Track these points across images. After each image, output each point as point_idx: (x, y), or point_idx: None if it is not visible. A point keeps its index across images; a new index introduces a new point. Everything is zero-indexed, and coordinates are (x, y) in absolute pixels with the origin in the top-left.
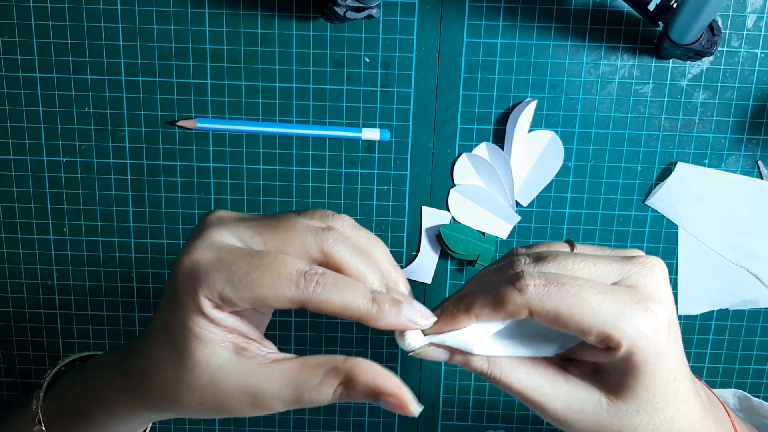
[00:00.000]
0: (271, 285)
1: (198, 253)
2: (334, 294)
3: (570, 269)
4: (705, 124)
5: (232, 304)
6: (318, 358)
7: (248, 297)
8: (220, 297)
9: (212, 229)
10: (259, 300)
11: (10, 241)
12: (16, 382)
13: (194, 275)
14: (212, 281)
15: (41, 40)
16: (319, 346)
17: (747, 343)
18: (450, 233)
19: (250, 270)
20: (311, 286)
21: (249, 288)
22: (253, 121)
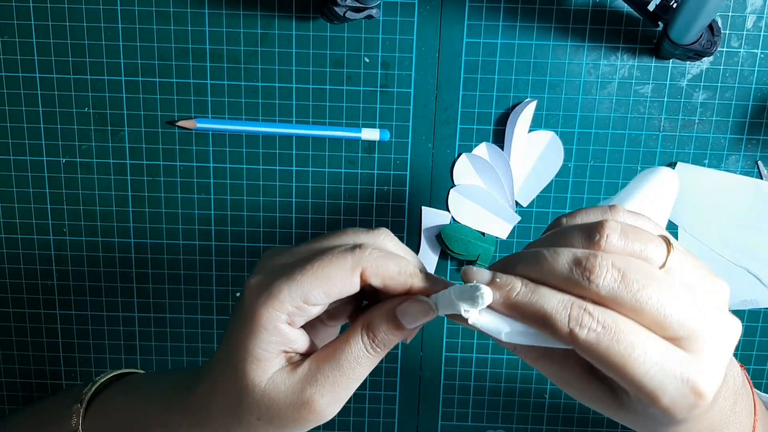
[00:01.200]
0: (329, 263)
1: (258, 275)
2: (389, 260)
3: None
4: (705, 124)
5: (306, 302)
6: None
7: (315, 284)
8: (292, 301)
9: (267, 260)
10: (325, 282)
11: (10, 241)
12: (16, 382)
13: (259, 293)
14: (277, 290)
15: (41, 40)
16: None
17: (747, 343)
18: (450, 233)
19: (309, 261)
20: (365, 253)
21: (312, 274)
22: (253, 121)
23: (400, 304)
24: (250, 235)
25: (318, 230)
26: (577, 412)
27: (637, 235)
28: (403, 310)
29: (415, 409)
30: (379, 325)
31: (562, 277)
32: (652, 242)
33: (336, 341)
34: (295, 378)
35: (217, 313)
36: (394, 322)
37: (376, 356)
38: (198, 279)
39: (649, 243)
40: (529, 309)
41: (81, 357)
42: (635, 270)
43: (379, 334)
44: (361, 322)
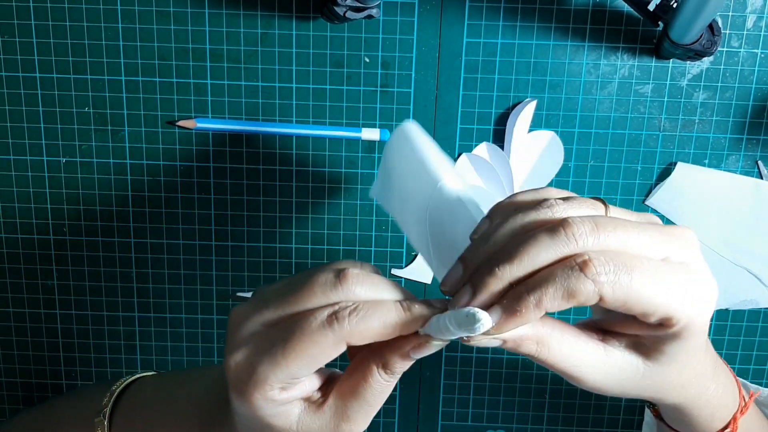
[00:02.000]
0: (311, 343)
1: (236, 355)
2: (369, 319)
3: (626, 245)
4: (705, 124)
5: (294, 380)
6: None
7: (300, 365)
8: (279, 382)
9: (239, 326)
10: (311, 362)
11: (10, 241)
12: (16, 382)
13: (244, 377)
14: (263, 376)
15: (41, 40)
16: None
17: (747, 343)
18: None
19: (287, 342)
20: (345, 323)
21: (295, 358)
22: (253, 121)
23: (414, 348)
24: (250, 235)
25: (318, 230)
26: (577, 412)
27: (577, 201)
28: (418, 352)
29: (415, 409)
30: (396, 364)
31: (553, 253)
32: (591, 203)
33: (353, 379)
34: (325, 417)
35: (217, 313)
36: (407, 358)
37: (394, 381)
38: (198, 279)
39: (588, 202)
40: (552, 298)
41: (81, 357)
42: (600, 219)
43: (396, 369)
44: (374, 361)
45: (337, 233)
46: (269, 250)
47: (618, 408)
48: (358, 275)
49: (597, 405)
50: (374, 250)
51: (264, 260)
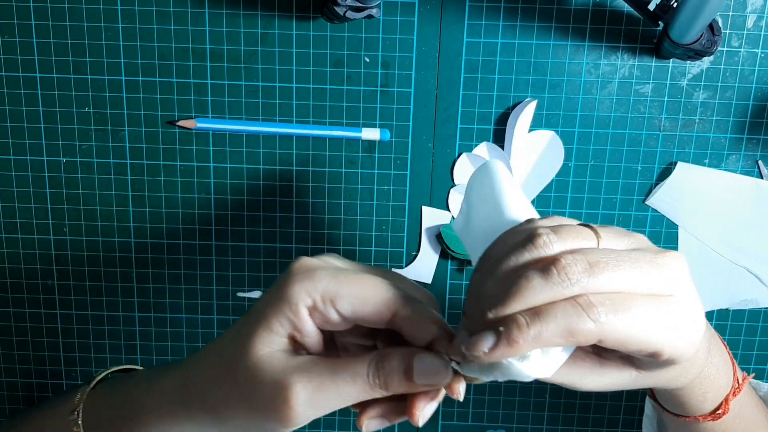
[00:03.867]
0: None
1: (311, 260)
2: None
3: (619, 283)
4: (705, 123)
5: (331, 307)
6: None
7: (350, 298)
8: (323, 295)
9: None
10: (360, 302)
11: (10, 241)
12: (17, 382)
13: (302, 272)
14: (318, 277)
15: (41, 40)
16: None
17: (747, 343)
18: (450, 233)
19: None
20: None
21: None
22: (253, 121)
23: (421, 352)
24: (251, 235)
25: (318, 230)
26: (577, 412)
27: (567, 231)
28: (421, 359)
29: None
30: (392, 360)
31: (547, 295)
32: (582, 232)
33: (341, 366)
34: (290, 363)
35: (217, 313)
36: (406, 364)
37: (372, 389)
38: (198, 279)
39: (579, 234)
40: (551, 335)
41: (81, 357)
42: (593, 256)
43: (386, 369)
44: (376, 352)
45: (337, 233)
46: (269, 250)
47: (618, 408)
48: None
49: (597, 405)
50: (374, 250)
51: (264, 260)
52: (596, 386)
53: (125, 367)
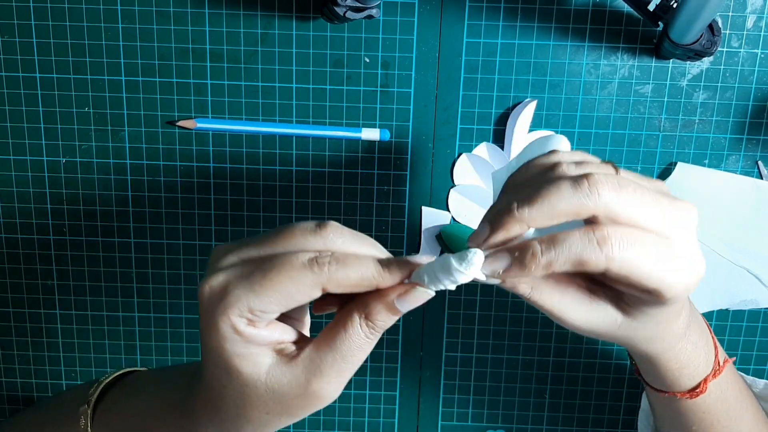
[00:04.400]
0: (289, 279)
1: (213, 278)
2: (349, 269)
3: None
4: (705, 124)
5: (263, 313)
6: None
7: (274, 299)
8: (249, 310)
9: (219, 258)
10: (285, 297)
11: (10, 241)
12: (16, 382)
13: (216, 300)
14: (235, 298)
15: (41, 40)
16: None
17: (747, 343)
18: (450, 233)
19: (266, 273)
20: (325, 268)
21: (271, 289)
22: (253, 121)
23: (399, 295)
24: (250, 236)
25: None
26: (577, 412)
27: (592, 163)
28: (403, 300)
29: (415, 409)
30: (378, 313)
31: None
32: (604, 165)
33: (333, 330)
34: (297, 370)
35: None
36: (392, 309)
37: (375, 339)
38: (198, 279)
39: (602, 166)
40: (562, 263)
41: (81, 357)
42: (622, 179)
43: (378, 321)
44: (357, 311)
45: None
46: None
47: (618, 408)
48: (337, 227)
49: (597, 405)
50: None
51: None
52: (580, 322)
53: (128, 370)
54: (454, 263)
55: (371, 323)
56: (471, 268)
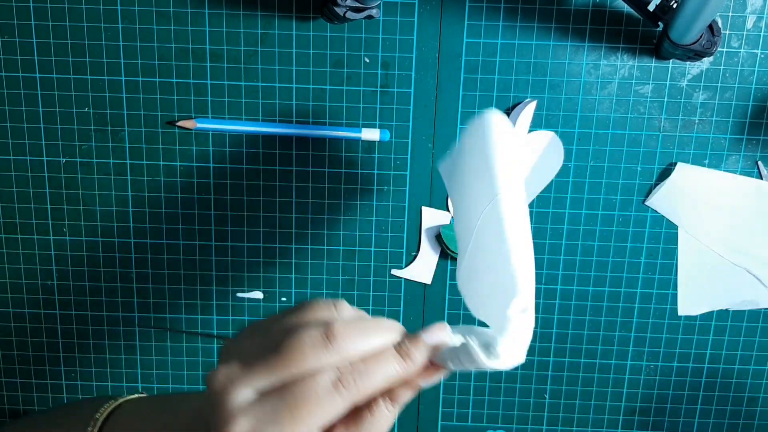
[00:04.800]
0: (319, 408)
1: (236, 426)
2: (373, 377)
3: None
4: (705, 124)
5: None
6: None
7: (308, 431)
8: None
9: (228, 394)
10: (316, 426)
11: (10, 241)
12: (16, 382)
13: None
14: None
15: (41, 40)
16: None
17: (747, 343)
18: (450, 233)
19: (293, 409)
20: (351, 387)
21: (304, 424)
22: (253, 121)
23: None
24: (250, 235)
25: (318, 230)
26: (577, 413)
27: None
28: (428, 382)
29: (415, 409)
30: (403, 396)
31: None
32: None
33: (358, 415)
34: None
35: (217, 313)
36: (416, 389)
37: (397, 412)
38: (198, 279)
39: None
40: None
41: (81, 357)
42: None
43: (402, 401)
44: (381, 396)
45: (337, 233)
46: (269, 250)
47: (618, 408)
48: (345, 332)
49: (597, 405)
50: (374, 250)
51: (264, 260)
52: None
53: (134, 397)
54: (482, 357)
55: (395, 402)
56: (499, 360)
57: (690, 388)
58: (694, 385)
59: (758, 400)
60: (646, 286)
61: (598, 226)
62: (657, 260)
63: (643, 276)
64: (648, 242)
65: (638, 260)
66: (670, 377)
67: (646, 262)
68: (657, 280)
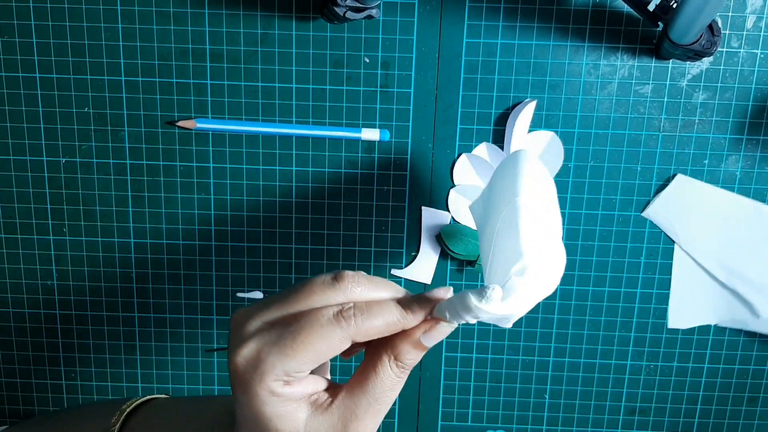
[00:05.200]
0: (319, 337)
1: (243, 349)
2: (373, 317)
3: None
4: (705, 124)
5: (297, 373)
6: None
7: (307, 358)
8: (285, 374)
9: (243, 325)
10: (317, 355)
11: (10, 241)
12: (16, 382)
13: (251, 369)
14: (270, 365)
15: (41, 40)
16: None
17: (747, 343)
18: (450, 233)
19: (296, 335)
20: (351, 321)
21: (303, 350)
22: (253, 121)
23: (425, 332)
24: (250, 235)
25: (318, 230)
26: (577, 413)
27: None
28: (429, 336)
29: (415, 409)
30: (407, 353)
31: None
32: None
33: (363, 375)
34: (334, 418)
35: (217, 313)
36: (419, 346)
37: (405, 378)
38: (198, 279)
39: None
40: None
41: (81, 357)
42: None
43: (407, 360)
44: (385, 352)
45: (337, 233)
46: (269, 250)
47: (618, 408)
48: (354, 276)
49: (597, 405)
50: (374, 250)
51: (264, 260)
52: None
53: (150, 398)
54: (474, 300)
55: (401, 362)
56: (490, 303)
57: (690, 388)
58: (694, 385)
59: (758, 400)
60: (646, 286)
61: (599, 226)
62: (657, 260)
63: (643, 276)
64: (648, 242)
65: (638, 260)
66: (670, 377)
67: (646, 262)
68: (657, 280)
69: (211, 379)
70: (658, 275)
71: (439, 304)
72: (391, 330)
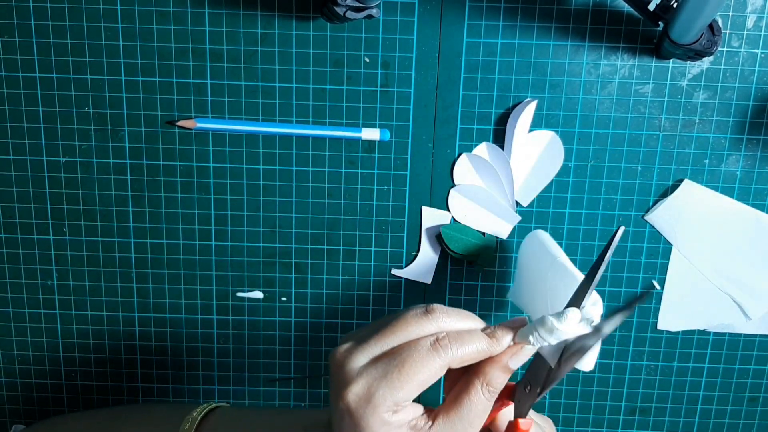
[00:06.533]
0: (422, 367)
1: (354, 386)
2: (466, 345)
3: None
4: (705, 124)
5: (405, 402)
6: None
7: (414, 387)
8: (395, 404)
9: (346, 363)
10: (422, 383)
11: (10, 241)
12: (16, 382)
13: (364, 404)
14: (381, 398)
15: (41, 40)
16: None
17: (747, 343)
18: (450, 233)
19: (401, 368)
20: (448, 348)
21: (409, 380)
22: (253, 121)
23: (511, 357)
24: (250, 235)
25: (318, 230)
26: (577, 413)
27: None
28: (516, 359)
29: None
30: (497, 377)
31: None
32: None
33: (457, 401)
34: None
35: (217, 313)
36: (507, 370)
37: (493, 401)
38: (198, 279)
39: None
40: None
41: (81, 357)
42: None
43: (497, 384)
44: (477, 379)
45: (337, 233)
46: (269, 250)
47: (618, 408)
48: (442, 308)
49: (597, 405)
50: (374, 250)
51: (264, 260)
52: None
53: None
54: (556, 323)
55: (492, 386)
56: (571, 325)
57: (690, 388)
58: (694, 385)
59: (758, 400)
60: (646, 286)
61: (599, 226)
62: (657, 260)
63: (643, 276)
64: (648, 242)
65: (638, 260)
66: (670, 377)
67: (646, 262)
68: (657, 280)
69: (211, 379)
70: (658, 275)
71: (521, 330)
72: (481, 356)
